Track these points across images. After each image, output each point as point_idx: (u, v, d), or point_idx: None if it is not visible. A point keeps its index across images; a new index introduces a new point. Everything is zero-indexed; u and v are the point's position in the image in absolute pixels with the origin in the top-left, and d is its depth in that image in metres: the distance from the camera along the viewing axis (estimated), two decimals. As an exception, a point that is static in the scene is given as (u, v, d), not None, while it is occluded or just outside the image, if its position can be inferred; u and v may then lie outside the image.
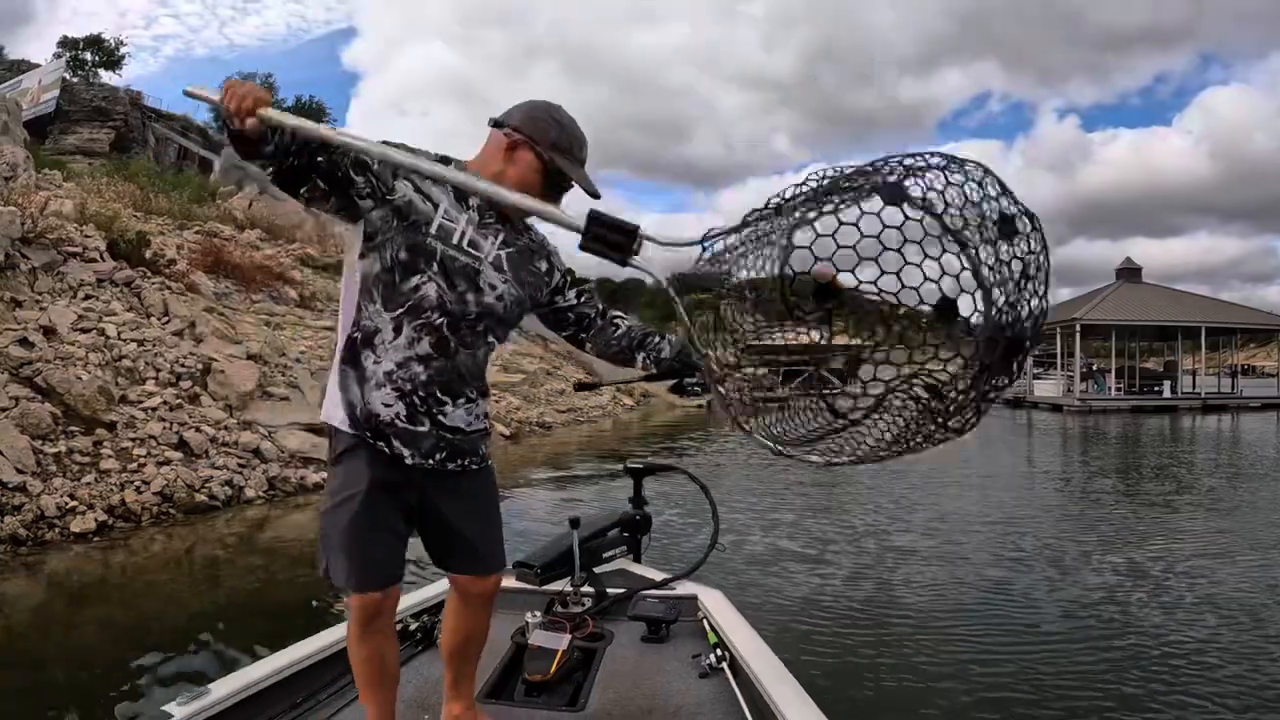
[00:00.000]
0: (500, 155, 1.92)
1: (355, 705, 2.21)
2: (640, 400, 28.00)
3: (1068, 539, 7.59)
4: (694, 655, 2.58)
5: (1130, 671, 4.37)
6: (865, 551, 7.13)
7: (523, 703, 2.38)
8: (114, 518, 7.13)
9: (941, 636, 4.96)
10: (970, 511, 8.97)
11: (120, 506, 7.25)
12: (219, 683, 2.19)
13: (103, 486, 7.38)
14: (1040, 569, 6.50)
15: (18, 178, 16.73)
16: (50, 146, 30.86)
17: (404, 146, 1.71)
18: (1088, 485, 11.59)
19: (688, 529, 7.51)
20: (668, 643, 2.77)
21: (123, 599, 5.62)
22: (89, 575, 6.09)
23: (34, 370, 8.35)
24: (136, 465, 7.86)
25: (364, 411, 1.83)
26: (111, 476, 7.58)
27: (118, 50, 44.36)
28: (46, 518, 6.77)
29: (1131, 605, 5.54)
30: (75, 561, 6.30)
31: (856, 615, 5.35)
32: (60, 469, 7.41)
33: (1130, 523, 8.54)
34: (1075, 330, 32.39)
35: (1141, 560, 6.74)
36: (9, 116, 23.25)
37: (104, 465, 7.68)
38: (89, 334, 9.69)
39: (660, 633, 2.81)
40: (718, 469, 12.86)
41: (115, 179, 22.60)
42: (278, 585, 6.15)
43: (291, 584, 6.07)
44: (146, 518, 7.31)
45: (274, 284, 18.84)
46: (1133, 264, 38.04)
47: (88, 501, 7.09)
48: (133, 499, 7.35)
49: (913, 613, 5.48)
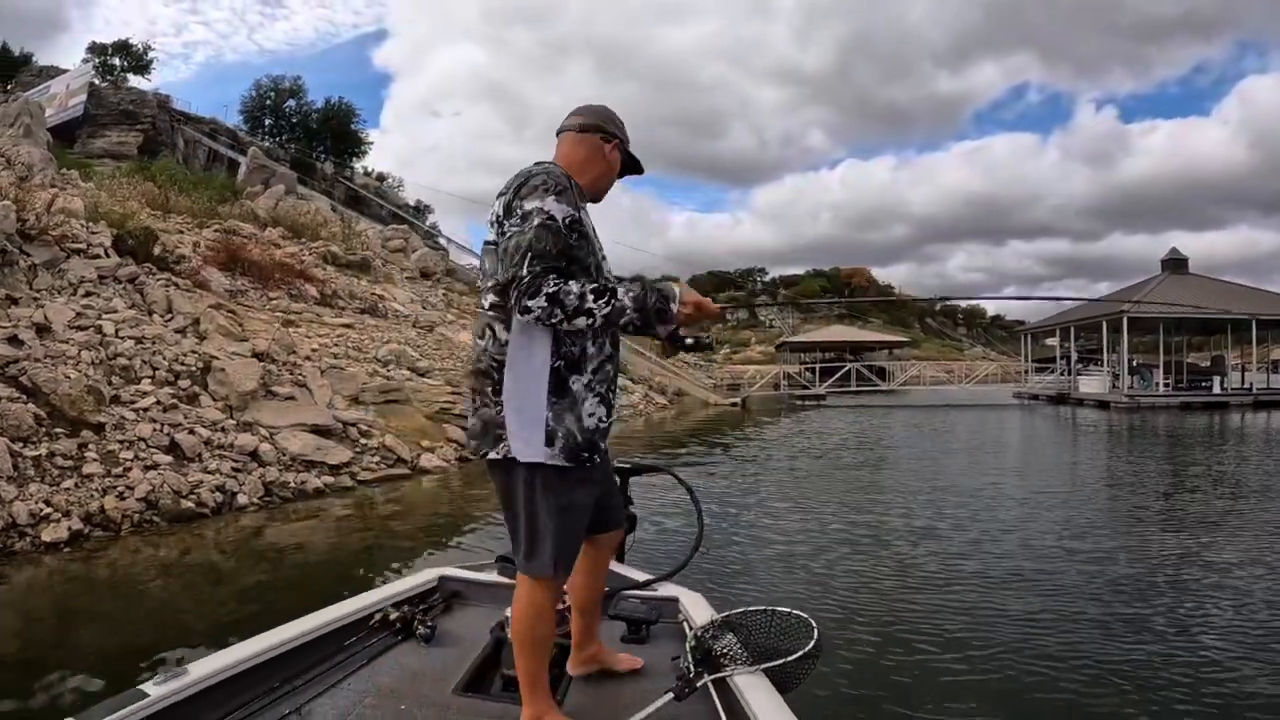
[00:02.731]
0: (600, 153, 2.28)
1: (332, 691, 2.28)
2: (673, 399, 27.46)
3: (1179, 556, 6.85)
4: (673, 657, 2.53)
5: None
6: (869, 555, 6.50)
7: (500, 697, 2.35)
8: (91, 526, 6.65)
9: (946, 655, 4.38)
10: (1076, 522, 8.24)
11: (99, 514, 6.77)
12: (197, 664, 2.17)
13: (82, 492, 6.91)
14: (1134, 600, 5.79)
15: (33, 177, 16.50)
16: (79, 150, 30.89)
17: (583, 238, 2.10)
18: (1171, 488, 10.65)
19: (673, 530, 6.98)
20: (647, 644, 2.76)
21: (70, 620, 5.08)
22: (45, 591, 5.60)
23: (19, 369, 7.92)
24: (122, 469, 7.39)
25: (582, 434, 2.06)
26: (94, 481, 7.11)
27: (145, 54, 44.48)
28: (18, 525, 6.31)
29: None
30: (37, 575, 5.81)
31: (841, 620, 4.95)
32: (39, 473, 6.95)
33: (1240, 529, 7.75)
34: (1123, 323, 31.18)
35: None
36: (31, 119, 23.26)
37: (87, 469, 7.22)
38: (85, 331, 9.27)
39: (640, 633, 2.80)
40: (714, 472, 12.21)
41: (135, 179, 22.36)
42: (265, 610, 5.27)
43: (274, 608, 5.35)
44: (127, 526, 6.82)
45: (294, 281, 18.48)
46: (1179, 254, 36.55)
47: (64, 509, 6.61)
48: (113, 506, 6.87)
49: (905, 615, 5.07)
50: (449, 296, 27.73)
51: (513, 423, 2.04)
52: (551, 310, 1.90)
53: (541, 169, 2.10)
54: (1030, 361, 39.49)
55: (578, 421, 2.05)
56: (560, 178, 2.06)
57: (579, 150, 2.26)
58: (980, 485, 10.32)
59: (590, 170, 2.25)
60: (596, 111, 2.32)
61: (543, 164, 2.15)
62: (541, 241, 1.93)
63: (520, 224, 1.97)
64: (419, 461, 10.62)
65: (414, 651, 2.58)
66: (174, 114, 40.08)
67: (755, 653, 2.35)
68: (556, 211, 1.98)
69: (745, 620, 2.49)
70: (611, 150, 2.29)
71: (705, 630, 2.48)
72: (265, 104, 50.78)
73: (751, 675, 2.27)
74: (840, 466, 12.94)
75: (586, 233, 2.10)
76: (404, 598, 2.92)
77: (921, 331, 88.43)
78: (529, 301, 1.90)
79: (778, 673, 2.29)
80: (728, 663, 2.32)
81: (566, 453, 2.03)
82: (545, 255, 1.92)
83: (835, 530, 7.49)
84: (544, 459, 2.03)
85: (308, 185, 39.17)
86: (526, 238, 1.94)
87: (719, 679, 2.28)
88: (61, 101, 34.04)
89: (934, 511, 8.39)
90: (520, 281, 1.91)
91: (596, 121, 2.29)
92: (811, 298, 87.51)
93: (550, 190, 2.00)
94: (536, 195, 2.00)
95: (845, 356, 42.73)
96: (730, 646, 2.37)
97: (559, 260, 1.96)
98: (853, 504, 8.98)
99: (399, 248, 31.92)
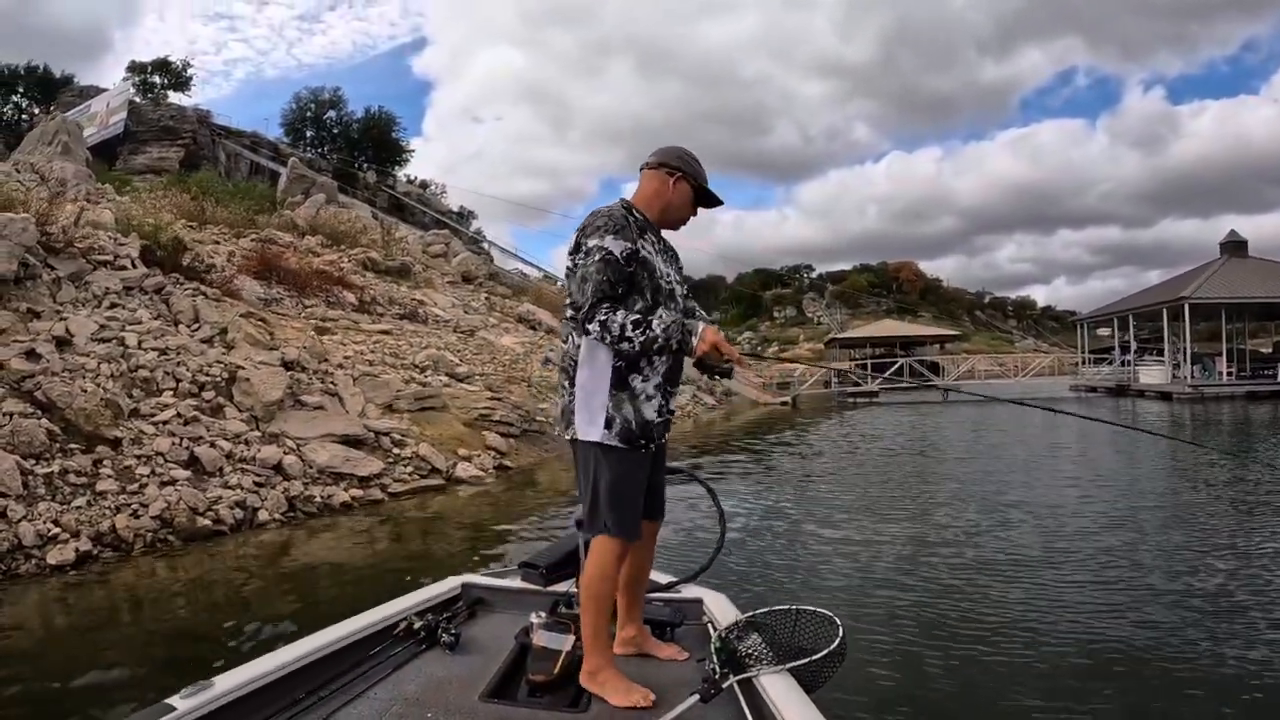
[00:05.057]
0: (668, 187, 2.61)
1: (358, 700, 2.28)
2: (722, 399, 26.84)
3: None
4: (699, 659, 2.56)
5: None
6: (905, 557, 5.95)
7: (526, 703, 2.37)
8: (101, 546, 6.29)
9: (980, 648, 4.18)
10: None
11: (110, 533, 6.40)
12: (223, 676, 2.15)
13: (93, 511, 6.55)
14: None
15: (67, 192, 16.44)
16: (121, 167, 31.18)
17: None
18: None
19: (696, 533, 6.56)
20: (672, 646, 2.75)
21: (77, 643, 4.66)
22: (51, 615, 5.21)
23: (34, 384, 7.61)
24: (137, 486, 7.03)
25: (639, 424, 2.45)
26: (106, 499, 6.75)
27: (184, 71, 44.96)
28: (24, 547, 5.97)
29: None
30: (41, 599, 5.43)
31: (871, 620, 4.78)
32: (50, 491, 6.61)
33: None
34: (1183, 310, 29.83)
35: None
36: (69, 137, 23.42)
37: (101, 486, 6.87)
38: (107, 344, 8.96)
39: (665, 635, 2.82)
40: (756, 475, 11.62)
41: (172, 191, 22.37)
42: (279, 635, 4.74)
43: (286, 632, 4.79)
44: (139, 545, 6.44)
45: (331, 288, 18.25)
46: (1237, 237, 34.82)
47: (73, 528, 6.26)
48: (125, 524, 6.49)
49: (939, 617, 4.85)
50: (491, 300, 27.38)
51: (580, 409, 2.46)
52: (603, 334, 2.36)
53: (605, 211, 2.50)
54: (1086, 352, 38.19)
55: (636, 412, 2.45)
56: (618, 218, 2.46)
57: (650, 184, 2.64)
58: (1067, 502, 9.60)
59: (658, 201, 2.63)
60: (667, 150, 2.69)
61: (610, 205, 2.56)
62: (601, 274, 2.36)
63: (585, 258, 2.40)
64: (454, 471, 10.17)
65: (439, 659, 2.60)
66: (214, 129, 40.44)
67: (780, 652, 2.36)
68: (614, 248, 2.39)
69: (770, 620, 2.51)
70: (676, 183, 2.62)
71: (730, 631, 2.51)
72: (305, 116, 51.28)
73: (777, 675, 2.27)
74: (916, 469, 12.27)
75: (645, 259, 2.47)
76: (428, 606, 2.96)
77: (971, 324, 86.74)
78: (588, 326, 2.37)
79: (804, 672, 2.29)
80: (753, 663, 2.33)
81: (621, 436, 2.44)
82: (602, 286, 2.36)
83: (919, 543, 6.88)
84: (601, 439, 2.43)
85: (349, 194, 39.21)
86: (589, 271, 2.37)
87: (745, 680, 2.29)
88: (103, 120, 34.45)
89: (999, 520, 7.74)
90: (583, 309, 2.37)
91: (662, 159, 2.65)
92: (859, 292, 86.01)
93: (609, 230, 2.42)
94: (597, 234, 2.41)
95: (896, 352, 41.74)
96: (755, 647, 2.39)
97: (616, 289, 2.39)
98: (833, 508, 8.35)
99: (440, 252, 31.69)
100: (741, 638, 2.45)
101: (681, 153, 2.67)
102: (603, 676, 2.38)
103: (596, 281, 2.34)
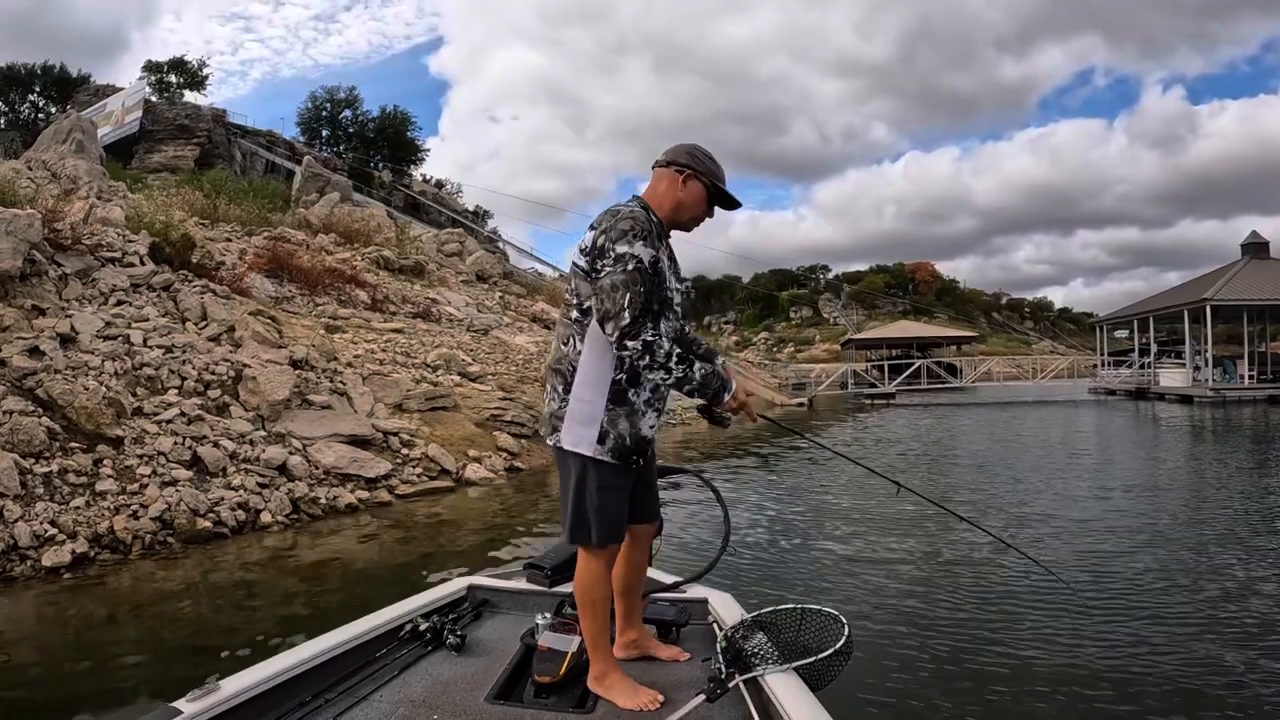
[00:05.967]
0: (677, 185, 2.47)
1: (364, 703, 2.27)
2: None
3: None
4: (704, 659, 2.54)
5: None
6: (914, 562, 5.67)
7: (532, 704, 2.36)
8: (98, 548, 6.13)
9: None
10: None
11: (108, 535, 6.25)
12: (229, 680, 2.15)
13: (92, 512, 6.39)
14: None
15: (79, 190, 16.37)
16: (136, 165, 31.21)
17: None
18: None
19: (702, 533, 6.44)
20: (678, 646, 2.73)
21: (74, 648, 4.48)
22: (39, 621, 5.05)
23: (36, 381, 7.47)
24: (138, 486, 6.87)
25: (633, 439, 2.37)
26: (105, 500, 6.60)
27: (200, 71, 45.07)
28: (19, 548, 5.82)
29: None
30: (36, 602, 5.27)
31: (877, 620, 4.73)
32: (48, 490, 6.46)
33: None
34: (1205, 312, 29.34)
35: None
36: (84, 135, 23.41)
37: (100, 486, 6.72)
38: (112, 341, 8.82)
39: (671, 635, 2.80)
40: (748, 474, 11.38)
41: (184, 189, 22.32)
42: (281, 644, 4.54)
43: (287, 641, 4.72)
44: (138, 548, 6.28)
45: (343, 286, 18.13)
46: (1259, 238, 34.24)
47: (70, 529, 6.10)
48: (123, 526, 6.34)
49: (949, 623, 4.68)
50: (506, 299, 27.20)
51: (570, 418, 2.35)
52: (643, 355, 2.21)
53: (629, 213, 2.32)
54: (1105, 354, 37.70)
55: (632, 428, 2.36)
56: (644, 222, 2.31)
57: (660, 183, 2.50)
58: (1091, 512, 9.31)
59: (668, 201, 2.47)
60: (678, 147, 2.53)
61: (629, 204, 2.42)
62: (637, 284, 2.21)
63: (614, 265, 2.23)
64: (464, 472, 9.99)
65: (445, 661, 2.60)
66: (230, 127, 40.50)
67: (786, 651, 2.35)
68: (645, 256, 2.25)
69: (775, 619, 2.52)
70: (687, 181, 2.46)
71: (735, 630, 2.49)
72: (321, 115, 51.35)
73: (783, 674, 2.26)
74: (942, 473, 12.01)
75: (662, 269, 2.35)
76: (433, 608, 2.95)
77: (987, 326, 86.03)
78: (629, 342, 2.20)
79: (810, 670, 2.29)
80: (759, 662, 2.31)
81: (615, 452, 2.35)
82: (639, 299, 2.21)
83: (807, 532, 6.65)
84: (593, 454, 2.34)
85: (364, 193, 39.18)
86: (622, 279, 2.21)
87: (751, 679, 2.27)
88: (118, 118, 34.54)
89: (1020, 525, 7.49)
90: (623, 323, 2.19)
91: (673, 156, 2.50)
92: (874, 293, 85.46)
93: (639, 236, 2.26)
94: (626, 240, 2.25)
95: (912, 353, 41.33)
96: (761, 646, 2.38)
97: (651, 303, 2.28)
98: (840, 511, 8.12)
99: (454, 251, 31.53)
100: (747, 637, 2.44)
101: (694, 150, 2.53)
102: (609, 680, 2.37)
103: (634, 293, 2.20)
